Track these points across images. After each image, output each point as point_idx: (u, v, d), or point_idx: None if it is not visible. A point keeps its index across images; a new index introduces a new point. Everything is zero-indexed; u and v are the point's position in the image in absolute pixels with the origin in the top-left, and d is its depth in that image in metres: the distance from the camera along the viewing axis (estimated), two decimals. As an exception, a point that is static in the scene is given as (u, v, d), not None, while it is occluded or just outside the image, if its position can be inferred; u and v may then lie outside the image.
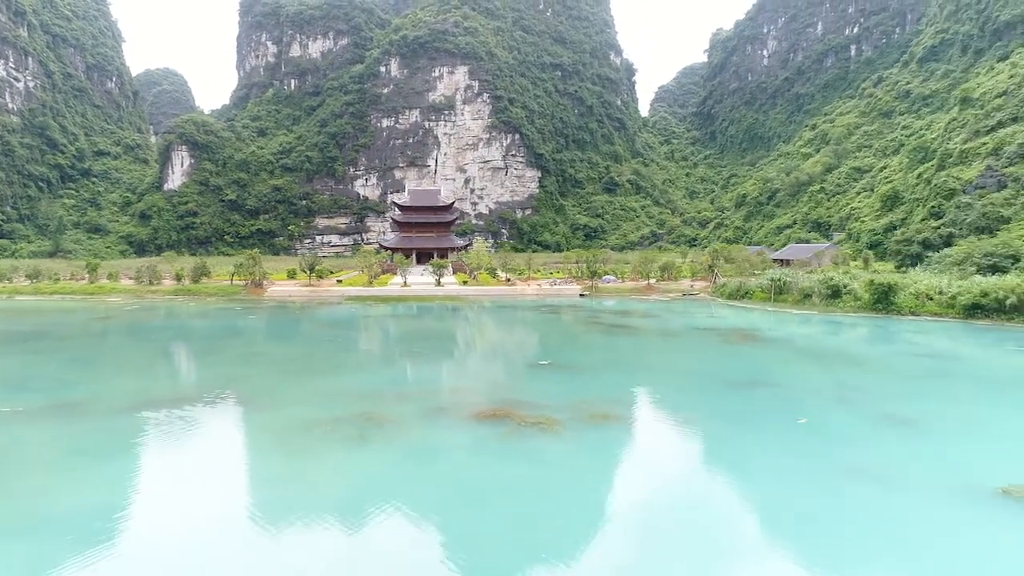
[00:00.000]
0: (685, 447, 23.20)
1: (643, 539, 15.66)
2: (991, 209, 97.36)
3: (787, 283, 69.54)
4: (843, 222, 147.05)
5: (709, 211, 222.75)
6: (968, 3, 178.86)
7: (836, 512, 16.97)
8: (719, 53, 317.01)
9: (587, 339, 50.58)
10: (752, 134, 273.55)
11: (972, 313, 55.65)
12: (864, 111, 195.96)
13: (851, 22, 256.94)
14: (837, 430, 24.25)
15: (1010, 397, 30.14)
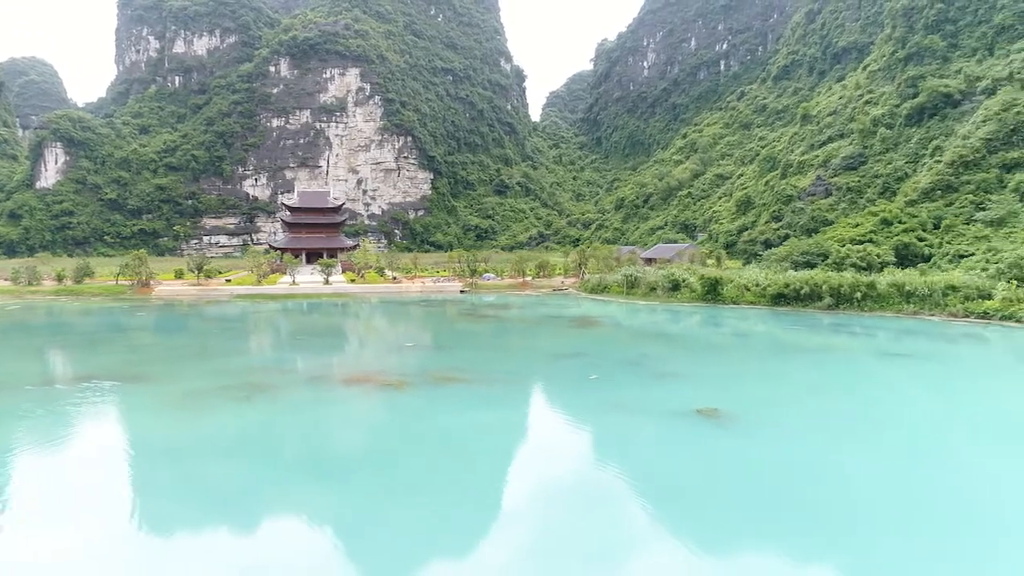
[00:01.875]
0: (503, 395, 30.69)
1: (464, 446, 22.91)
2: (818, 213, 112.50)
3: (637, 278, 79.46)
4: (706, 224, 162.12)
5: (592, 213, 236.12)
6: (814, 28, 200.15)
7: (596, 427, 24.89)
8: (604, 62, 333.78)
9: (453, 326, 57.82)
10: (634, 140, 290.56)
11: (777, 301, 67.00)
12: (728, 123, 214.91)
13: (721, 39, 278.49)
14: (617, 382, 32.49)
15: (759, 359, 39.76)
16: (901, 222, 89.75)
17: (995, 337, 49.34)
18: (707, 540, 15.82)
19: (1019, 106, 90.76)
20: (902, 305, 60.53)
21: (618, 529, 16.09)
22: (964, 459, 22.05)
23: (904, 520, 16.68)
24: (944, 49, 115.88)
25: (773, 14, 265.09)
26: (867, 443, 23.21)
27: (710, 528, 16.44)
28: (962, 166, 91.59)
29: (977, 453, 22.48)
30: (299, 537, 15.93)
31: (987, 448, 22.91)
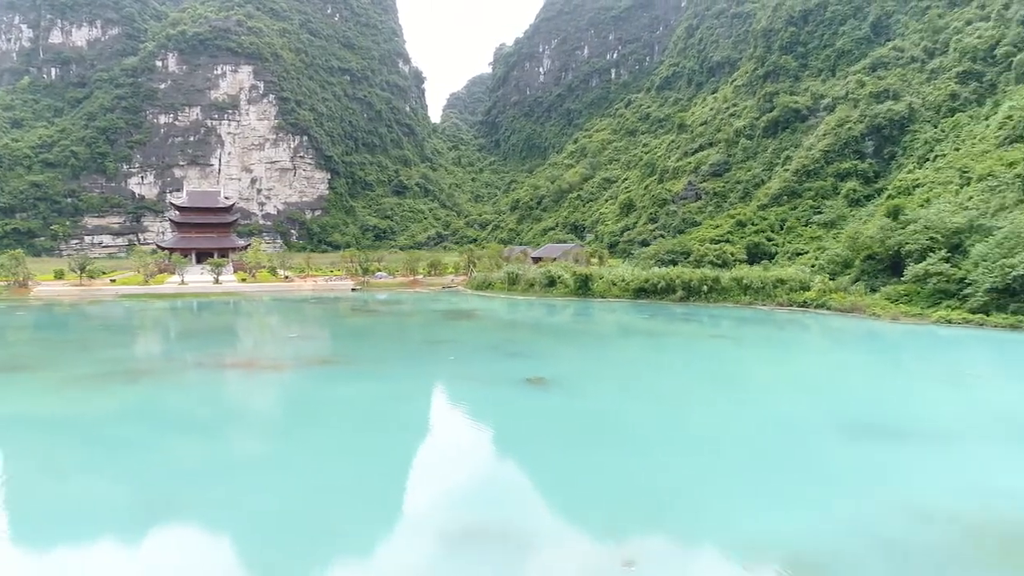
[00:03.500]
0: (370, 372, 35.27)
1: (329, 411, 27.38)
2: (688, 216, 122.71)
3: (518, 275, 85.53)
4: (594, 225, 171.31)
5: (489, 214, 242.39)
6: (693, 43, 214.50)
7: (444, 392, 29.92)
8: (502, 67, 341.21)
9: (338, 320, 61.66)
10: (531, 144, 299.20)
11: (639, 295, 74.54)
12: (616, 129, 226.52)
13: (611, 49, 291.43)
14: (472, 361, 37.81)
15: (600, 341, 46.16)
16: (753, 224, 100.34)
17: (809, 321, 58.28)
18: (524, 460, 21.24)
19: (851, 122, 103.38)
20: (740, 296, 69.25)
21: (456, 457, 21.19)
22: (719, 408, 28.59)
23: (661, 441, 22.70)
24: (796, 69, 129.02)
25: (659, 27, 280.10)
26: (654, 399, 29.51)
27: (526, 453, 21.88)
28: (804, 174, 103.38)
29: (732, 403, 29.13)
30: (173, 476, 20.01)
31: (742, 399, 29.66)
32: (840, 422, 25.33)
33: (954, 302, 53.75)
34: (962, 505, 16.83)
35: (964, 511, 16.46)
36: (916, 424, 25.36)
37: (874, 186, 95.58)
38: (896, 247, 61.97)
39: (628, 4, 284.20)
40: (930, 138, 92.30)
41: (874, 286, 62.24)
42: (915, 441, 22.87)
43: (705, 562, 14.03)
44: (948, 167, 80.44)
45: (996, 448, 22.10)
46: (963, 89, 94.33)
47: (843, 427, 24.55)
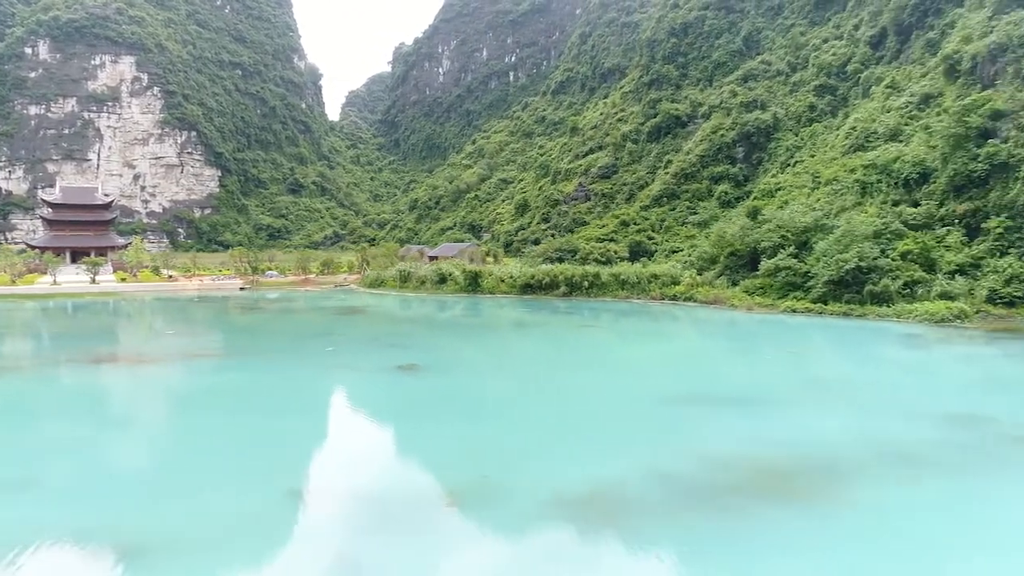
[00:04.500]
0: (247, 364, 36.07)
1: (198, 400, 28.16)
2: (578, 216, 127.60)
3: (410, 273, 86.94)
4: (491, 225, 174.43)
5: (388, 213, 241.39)
6: (586, 49, 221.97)
7: (319, 379, 31.24)
8: (401, 66, 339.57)
9: (222, 318, 61.20)
10: (431, 144, 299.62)
11: (525, 290, 77.66)
12: (513, 131, 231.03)
13: (510, 52, 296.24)
14: (350, 352, 39.22)
15: (477, 332, 48.55)
16: (636, 224, 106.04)
17: (677, 313, 62.95)
18: (398, 434, 23.05)
19: (724, 129, 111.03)
20: (618, 291, 73.59)
21: (320, 434, 22.72)
22: (574, 385, 31.45)
23: (516, 413, 25.13)
24: (677, 78, 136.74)
25: (555, 32, 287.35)
26: (517, 379, 32.07)
27: (397, 427, 23.70)
28: (683, 177, 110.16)
29: (587, 381, 32.08)
30: (32, 453, 20.60)
31: (596, 378, 32.70)
32: (674, 393, 28.68)
33: (800, 293, 59.66)
34: (747, 451, 20.07)
35: (747, 456, 19.66)
36: (736, 392, 29.05)
37: (744, 189, 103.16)
38: (754, 244, 67.88)
39: (526, 9, 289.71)
40: (791, 145, 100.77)
41: (735, 280, 67.86)
42: (730, 405, 26.38)
43: (518, 500, 16.39)
44: (804, 172, 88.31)
45: (793, 409, 25.90)
46: (819, 101, 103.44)
47: (675, 397, 27.86)
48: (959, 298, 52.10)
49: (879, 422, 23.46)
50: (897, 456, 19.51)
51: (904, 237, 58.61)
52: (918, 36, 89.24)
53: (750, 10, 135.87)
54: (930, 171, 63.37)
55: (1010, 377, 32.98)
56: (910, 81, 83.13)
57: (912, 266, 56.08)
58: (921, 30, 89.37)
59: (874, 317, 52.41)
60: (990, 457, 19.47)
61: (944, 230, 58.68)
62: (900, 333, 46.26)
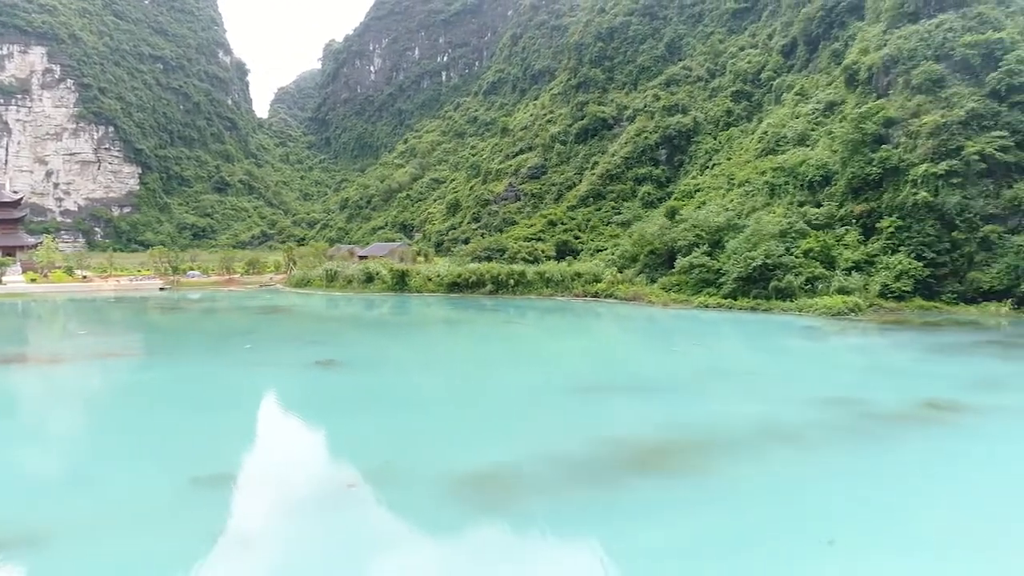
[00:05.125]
0: (159, 363, 35.74)
1: (109, 401, 27.92)
2: (508, 215, 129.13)
3: (336, 272, 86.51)
4: (422, 224, 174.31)
5: (318, 213, 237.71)
6: (517, 51, 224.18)
7: (235, 375, 31.32)
8: (332, 63, 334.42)
9: (139, 318, 59.83)
10: (362, 142, 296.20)
11: (452, 289, 78.47)
12: (445, 131, 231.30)
13: (442, 52, 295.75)
14: (269, 349, 39.31)
15: (398, 329, 49.16)
16: (563, 223, 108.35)
17: (600, 309, 64.98)
18: (308, 425, 23.55)
19: (647, 132, 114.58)
20: (543, 289, 75.30)
21: (239, 424, 23.05)
22: (488, 378, 32.60)
23: (429, 404, 26.02)
24: (603, 81, 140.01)
25: (487, 33, 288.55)
26: (434, 373, 32.99)
27: (308, 419, 24.20)
28: (608, 178, 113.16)
29: (500, 373, 33.29)
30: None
31: (511, 371, 33.94)
32: (583, 383, 30.17)
33: (713, 289, 62.57)
34: (638, 433, 21.61)
35: (637, 437, 21.19)
36: (639, 382, 30.80)
37: (666, 190, 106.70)
38: (671, 243, 70.73)
39: (458, 9, 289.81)
40: (710, 148, 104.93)
41: (654, 277, 70.55)
42: (631, 393, 28.04)
43: (416, 482, 17.36)
44: (721, 174, 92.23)
45: (687, 396, 27.72)
46: (736, 107, 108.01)
47: (583, 387, 29.33)
48: (855, 293, 55.80)
49: (763, 406, 25.46)
50: (772, 434, 21.39)
51: (807, 236, 62.23)
52: (824, 47, 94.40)
53: (672, 17, 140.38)
54: (832, 174, 67.47)
55: (889, 364, 35.93)
56: (817, 89, 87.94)
57: (814, 263, 59.69)
58: (827, 41, 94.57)
59: (778, 311, 55.56)
60: (851, 433, 21.57)
61: (843, 229, 62.65)
62: (800, 326, 49.31)
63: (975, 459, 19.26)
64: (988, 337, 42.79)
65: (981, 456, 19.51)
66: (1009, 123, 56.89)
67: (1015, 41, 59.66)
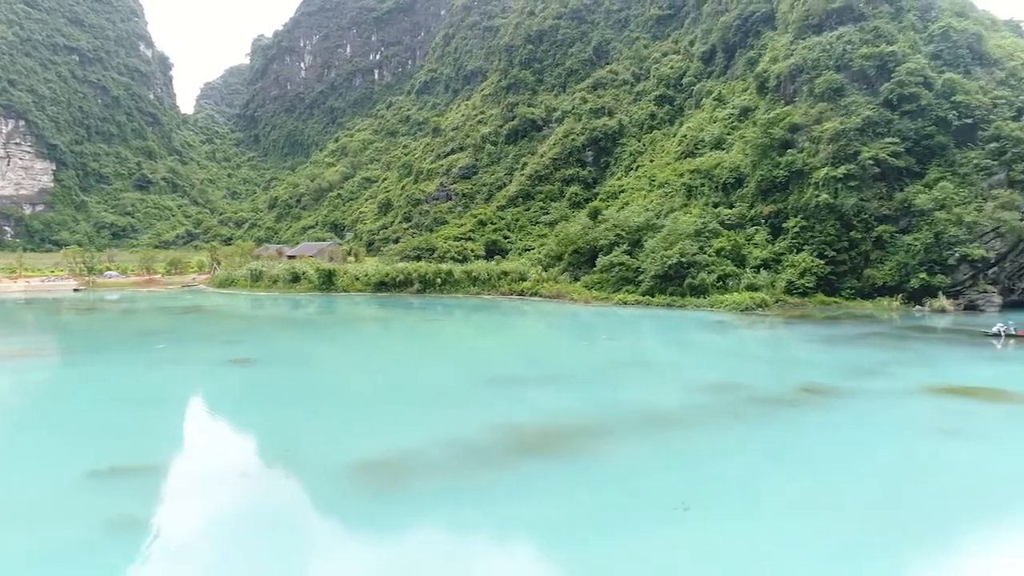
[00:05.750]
0: (71, 362, 35.07)
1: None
2: (439, 215, 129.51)
3: (261, 272, 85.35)
4: (353, 224, 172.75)
5: (246, 212, 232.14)
6: (450, 51, 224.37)
7: (148, 373, 31.10)
8: (260, 59, 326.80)
9: (48, 319, 58.11)
10: (293, 140, 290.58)
11: (379, 288, 78.60)
12: (377, 130, 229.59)
13: (374, 50, 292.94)
14: (181, 349, 38.99)
15: (318, 329, 49.34)
16: (493, 223, 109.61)
17: (525, 307, 66.35)
18: (211, 419, 23.77)
19: (575, 134, 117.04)
20: (470, 288, 76.30)
21: (140, 419, 23.11)
22: (402, 370, 33.38)
23: (342, 397, 26.62)
24: (533, 83, 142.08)
25: (420, 32, 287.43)
26: (351, 369, 33.53)
27: (212, 413, 24.42)
28: (537, 179, 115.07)
29: (416, 367, 34.12)
30: None
31: (427, 365, 34.80)
32: (496, 375, 31.32)
33: (632, 287, 64.86)
34: (536, 420, 22.88)
35: (534, 423, 22.45)
36: (548, 373, 32.14)
37: (592, 191, 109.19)
38: (593, 242, 72.85)
39: (390, 7, 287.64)
40: (634, 151, 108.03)
41: (577, 275, 72.49)
42: (537, 384, 29.32)
43: (312, 468, 18.10)
44: (643, 176, 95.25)
45: (589, 386, 29.20)
46: (659, 110, 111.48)
47: (495, 378, 30.48)
48: (763, 289, 58.95)
49: (656, 393, 27.17)
50: (657, 418, 23.02)
51: (720, 235, 65.26)
52: (741, 54, 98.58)
53: (600, 22, 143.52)
54: (744, 176, 70.84)
55: (780, 354, 38.51)
56: (733, 95, 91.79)
57: (725, 261, 62.67)
58: (743, 49, 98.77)
59: (692, 307, 58.14)
60: (728, 416, 23.37)
61: (753, 229, 65.98)
62: (710, 320, 51.84)
63: (829, 435, 21.28)
64: (876, 329, 46.07)
65: (835, 432, 21.55)
66: (900, 130, 61.13)
67: (906, 54, 64.11)
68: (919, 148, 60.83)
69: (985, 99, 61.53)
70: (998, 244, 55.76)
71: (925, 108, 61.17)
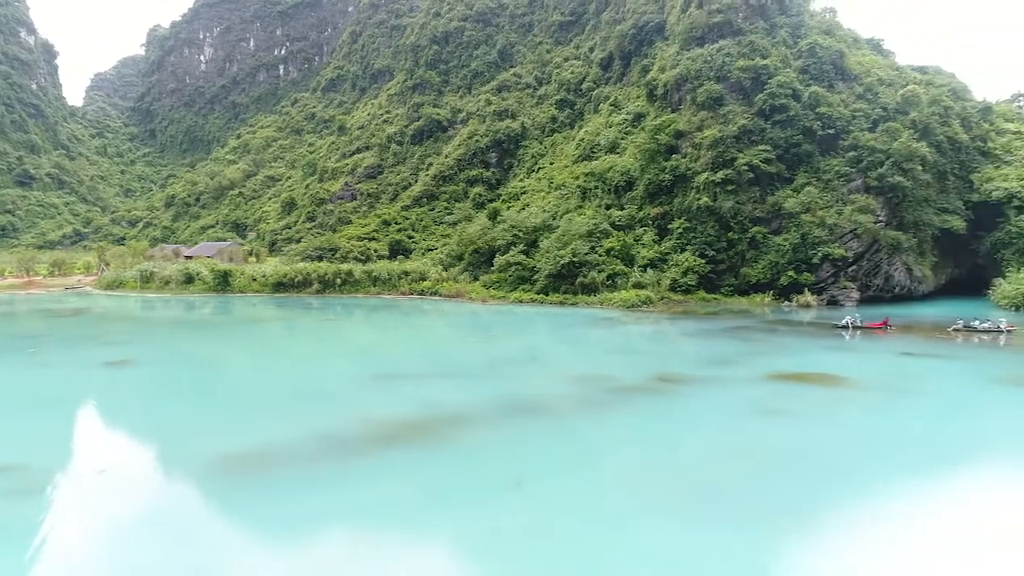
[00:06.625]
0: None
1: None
2: (344, 215, 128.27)
3: (153, 273, 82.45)
4: (256, 223, 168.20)
5: (141, 210, 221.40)
6: (357, 48, 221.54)
7: (17, 377, 30.16)
8: (157, 50, 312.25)
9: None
10: (192, 136, 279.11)
11: (278, 289, 77.53)
12: (281, 127, 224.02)
13: (279, 44, 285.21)
14: (56, 352, 37.81)
15: (205, 331, 48.72)
16: (397, 223, 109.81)
17: (425, 306, 67.18)
18: (79, 418, 23.49)
19: (479, 136, 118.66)
20: (371, 288, 76.50)
21: (19, 416, 22.70)
22: (287, 368, 33.77)
23: (220, 395, 26.80)
24: (439, 84, 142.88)
25: (327, 28, 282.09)
26: (229, 368, 33.59)
27: (82, 413, 24.14)
28: (441, 179, 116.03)
29: (301, 366, 34.54)
30: None
31: (310, 364, 35.26)
32: (379, 372, 32.22)
33: (528, 286, 66.95)
34: (406, 412, 23.96)
35: (404, 415, 23.53)
36: (431, 369, 33.36)
37: (496, 192, 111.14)
38: (492, 242, 74.56)
39: (296, 1, 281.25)
40: (536, 153, 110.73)
41: (476, 275, 73.99)
42: (417, 379, 30.44)
43: (177, 463, 18.61)
44: (544, 178, 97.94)
45: (465, 380, 30.54)
46: (560, 114, 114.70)
47: (377, 375, 31.41)
48: (649, 287, 62.19)
49: (530, 385, 28.87)
50: (520, 407, 24.65)
51: (611, 236, 68.26)
52: (636, 62, 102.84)
53: (505, 25, 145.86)
54: (634, 179, 74.24)
55: (650, 347, 41.22)
56: (628, 101, 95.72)
57: (615, 261, 65.68)
58: (638, 57, 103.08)
59: (583, 305, 60.75)
60: (587, 403, 25.31)
61: (641, 230, 69.36)
62: (599, 317, 54.38)
63: (668, 418, 23.49)
64: (746, 323, 49.72)
65: (673, 415, 23.79)
66: (772, 138, 65.86)
67: (777, 68, 69.03)
68: (788, 155, 65.75)
69: (846, 111, 67.14)
70: (856, 244, 61.08)
71: (794, 118, 66.15)
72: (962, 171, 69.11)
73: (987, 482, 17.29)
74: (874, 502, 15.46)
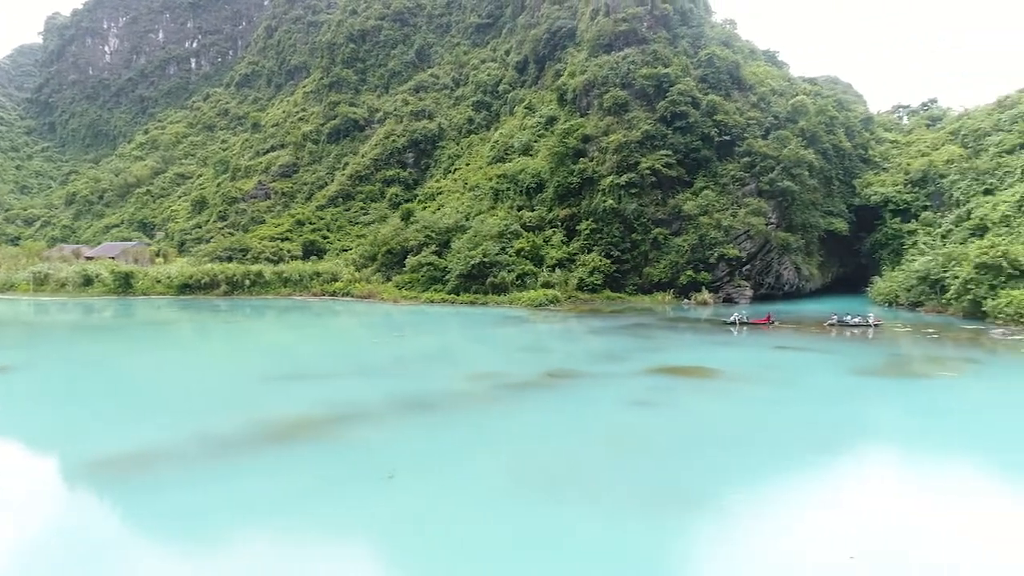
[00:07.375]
0: None
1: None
2: (257, 214, 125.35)
3: (47, 275, 78.77)
4: (165, 223, 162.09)
5: (39, 208, 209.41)
6: (272, 43, 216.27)
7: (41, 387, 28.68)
8: (56, 39, 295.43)
9: None
10: (96, 131, 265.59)
11: (183, 291, 75.63)
12: (192, 123, 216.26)
13: (190, 37, 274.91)
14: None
15: (95, 334, 47.33)
16: (311, 223, 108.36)
17: (336, 307, 66.97)
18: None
19: (396, 136, 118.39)
20: (281, 289, 75.63)
21: None
22: (175, 370, 33.46)
23: (101, 398, 26.39)
24: (356, 83, 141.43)
25: (242, 21, 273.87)
26: (112, 371, 32.98)
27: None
28: (358, 179, 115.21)
29: (190, 368, 34.26)
30: None
31: (201, 366, 34.99)
32: (273, 373, 32.28)
33: (440, 286, 67.80)
34: (295, 412, 24.28)
35: (292, 415, 23.85)
36: (330, 370, 33.73)
37: (413, 192, 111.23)
38: (404, 243, 74.95)
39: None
40: (452, 154, 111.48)
41: (389, 275, 74.32)
42: (312, 379, 30.77)
43: (52, 464, 18.59)
44: (459, 179, 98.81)
45: (363, 379, 31.13)
46: (477, 115, 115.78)
47: (271, 376, 31.47)
48: (557, 286, 64.14)
49: (426, 382, 29.69)
50: (412, 405, 25.46)
51: (521, 237, 69.89)
52: (549, 66, 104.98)
53: (422, 25, 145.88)
54: (544, 182, 76.15)
55: (547, 344, 42.83)
56: (542, 104, 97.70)
57: (525, 261, 67.35)
58: (551, 61, 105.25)
59: (493, 304, 62.10)
60: (475, 399, 26.38)
61: (551, 231, 71.32)
62: (508, 316, 55.77)
63: (546, 410, 24.81)
64: (646, 321, 52.09)
65: (551, 407, 25.13)
66: (673, 144, 68.96)
67: (678, 76, 72.29)
68: (688, 160, 69.02)
69: (741, 119, 71.01)
70: (749, 245, 64.79)
71: (693, 125, 69.46)
72: (846, 176, 74.29)
73: (825, 464, 19.34)
74: (718, 482, 17.15)
